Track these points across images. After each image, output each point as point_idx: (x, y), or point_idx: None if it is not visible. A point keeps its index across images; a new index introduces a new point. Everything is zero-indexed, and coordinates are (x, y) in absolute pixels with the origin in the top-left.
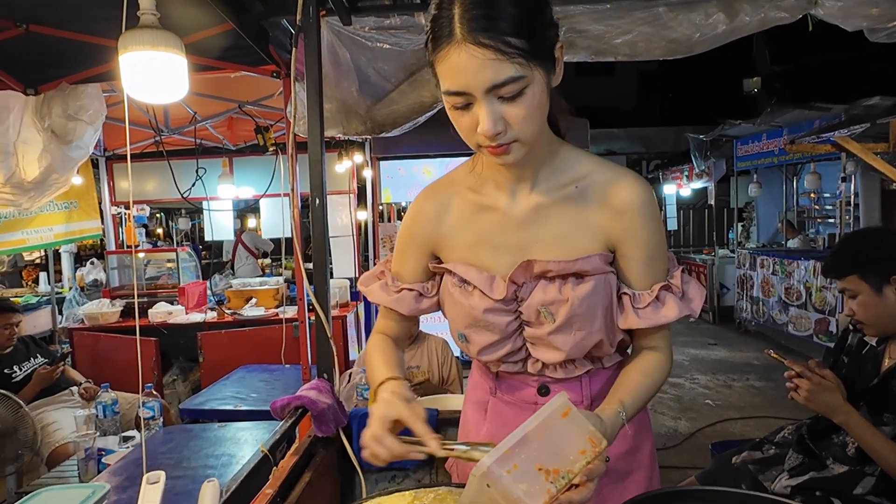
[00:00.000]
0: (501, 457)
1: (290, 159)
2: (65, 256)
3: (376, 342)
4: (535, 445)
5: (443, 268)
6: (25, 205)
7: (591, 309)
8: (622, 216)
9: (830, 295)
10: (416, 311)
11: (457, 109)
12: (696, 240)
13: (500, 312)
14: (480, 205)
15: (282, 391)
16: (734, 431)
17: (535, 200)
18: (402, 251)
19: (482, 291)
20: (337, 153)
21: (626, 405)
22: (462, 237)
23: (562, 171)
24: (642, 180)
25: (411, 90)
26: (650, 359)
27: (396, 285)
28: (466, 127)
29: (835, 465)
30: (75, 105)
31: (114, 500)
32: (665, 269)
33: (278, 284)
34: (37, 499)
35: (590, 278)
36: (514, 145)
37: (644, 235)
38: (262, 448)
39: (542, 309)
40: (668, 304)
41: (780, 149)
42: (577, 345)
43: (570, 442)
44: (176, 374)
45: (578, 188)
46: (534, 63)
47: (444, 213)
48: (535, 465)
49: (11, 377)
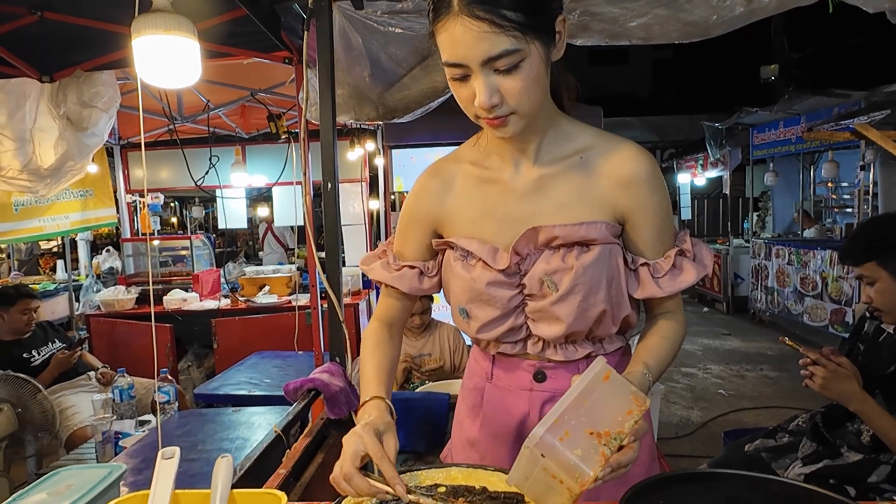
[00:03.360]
0: (552, 426)
1: (301, 145)
2: (81, 244)
3: (372, 337)
4: (582, 411)
5: (445, 242)
6: (42, 192)
7: (596, 278)
8: (628, 187)
9: (847, 285)
10: (416, 290)
11: (456, 80)
12: (710, 229)
13: (502, 286)
14: (484, 178)
15: (295, 377)
16: (747, 421)
17: (538, 171)
18: (405, 229)
19: (485, 263)
20: (349, 141)
21: (650, 367)
22: (465, 211)
23: (564, 142)
24: (644, 150)
25: (424, 75)
26: (667, 324)
27: (397, 263)
28: (465, 98)
29: (849, 452)
30: (90, 92)
31: (130, 481)
32: (672, 234)
33: (291, 272)
34: (56, 478)
35: (595, 247)
36: (512, 118)
37: (652, 205)
38: (275, 428)
39: (545, 278)
40: (686, 269)
41: (797, 137)
42: (580, 316)
43: (616, 404)
44: (191, 360)
45: (582, 158)
46: (531, 36)
47: (447, 190)
48: (587, 430)
49: (30, 361)
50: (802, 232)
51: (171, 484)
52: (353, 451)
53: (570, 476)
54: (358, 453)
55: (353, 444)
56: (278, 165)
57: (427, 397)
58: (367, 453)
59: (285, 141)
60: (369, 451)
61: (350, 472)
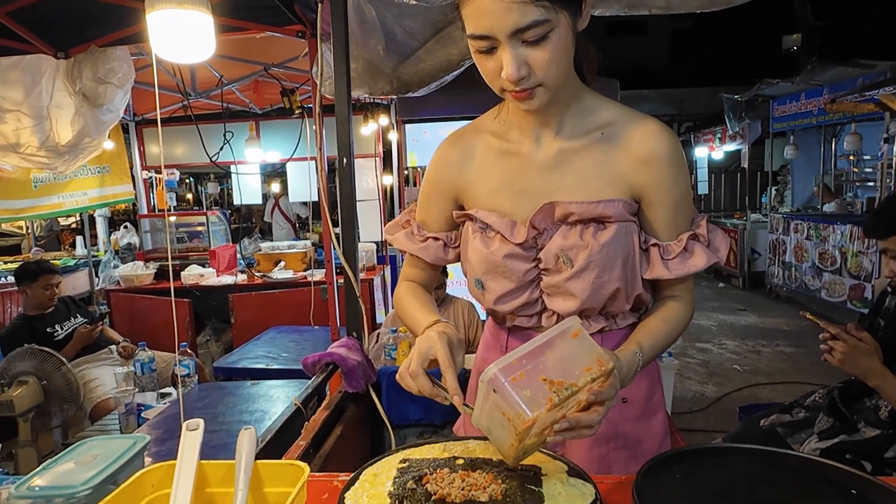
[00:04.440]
0: (507, 365)
1: (315, 118)
2: (99, 221)
3: (408, 289)
4: (541, 359)
5: (465, 214)
6: (61, 168)
7: (611, 257)
8: (648, 165)
9: (867, 260)
10: (441, 261)
11: (481, 53)
12: (727, 204)
13: (518, 259)
14: (504, 151)
15: (311, 351)
16: (762, 396)
17: (558, 146)
18: (427, 199)
19: (503, 236)
20: (362, 116)
21: (643, 347)
22: (485, 183)
23: (587, 116)
24: (667, 128)
25: (438, 48)
26: (671, 307)
27: (422, 234)
28: (490, 71)
29: (866, 428)
30: (105, 68)
31: (154, 451)
32: (690, 218)
33: (306, 248)
34: (82, 448)
35: (611, 225)
36: (539, 90)
37: (670, 184)
38: (295, 401)
39: (560, 254)
40: (697, 254)
41: (819, 109)
42: (594, 293)
43: (578, 360)
44: (209, 335)
45: (604, 134)
46: (559, 6)
47: (467, 160)
48: (540, 377)
49: (53, 335)
50: (822, 206)
51: (196, 455)
52: (424, 353)
53: (515, 414)
54: (428, 356)
55: (425, 346)
56: (292, 141)
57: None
58: (435, 358)
59: (299, 116)
60: (438, 358)
61: (417, 371)
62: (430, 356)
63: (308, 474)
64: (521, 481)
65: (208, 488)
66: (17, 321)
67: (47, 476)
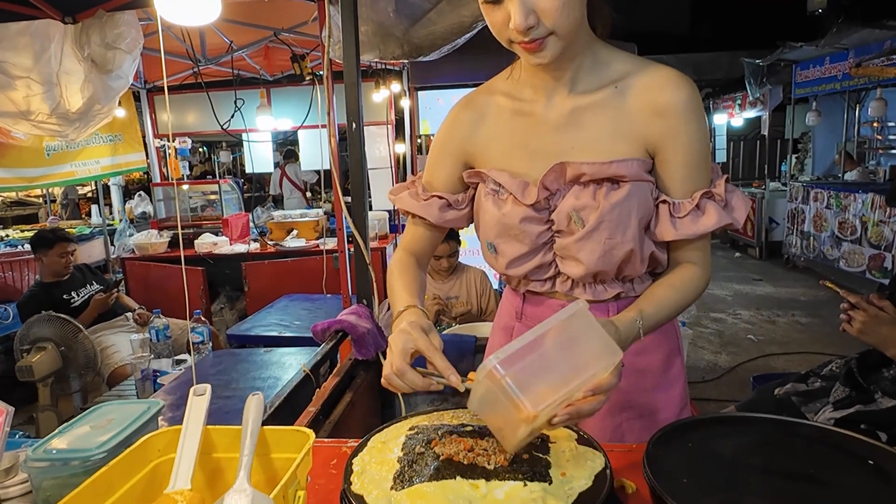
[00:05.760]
0: (508, 357)
1: (326, 83)
2: (114, 189)
3: (398, 263)
4: (543, 350)
5: (477, 172)
6: (72, 136)
7: (624, 216)
8: (663, 116)
9: (888, 230)
10: (442, 221)
11: (488, 4)
12: (746, 172)
13: (531, 221)
14: (517, 110)
15: (323, 319)
16: (776, 366)
17: (571, 104)
18: (435, 160)
19: (515, 198)
20: (374, 82)
21: (644, 315)
22: (497, 143)
23: (600, 70)
24: (686, 77)
25: (450, 9)
26: (682, 272)
27: (426, 193)
28: (498, 23)
29: (883, 398)
30: (113, 33)
31: (169, 416)
32: (708, 177)
33: (318, 216)
34: (98, 412)
35: (625, 184)
36: (550, 39)
37: (686, 137)
38: (304, 368)
39: (573, 214)
40: (708, 213)
41: (843, 73)
42: (606, 254)
43: (581, 350)
44: (223, 303)
45: (618, 88)
46: None
47: (479, 122)
48: (541, 369)
49: (70, 302)
50: (843, 174)
51: (202, 420)
52: (402, 348)
53: (515, 408)
54: (407, 350)
55: (401, 341)
56: (304, 108)
57: (453, 338)
58: (416, 349)
59: (310, 82)
60: (419, 346)
61: (402, 368)
62: (410, 349)
63: (313, 440)
64: (529, 448)
65: (214, 453)
66: (35, 288)
67: (64, 439)
